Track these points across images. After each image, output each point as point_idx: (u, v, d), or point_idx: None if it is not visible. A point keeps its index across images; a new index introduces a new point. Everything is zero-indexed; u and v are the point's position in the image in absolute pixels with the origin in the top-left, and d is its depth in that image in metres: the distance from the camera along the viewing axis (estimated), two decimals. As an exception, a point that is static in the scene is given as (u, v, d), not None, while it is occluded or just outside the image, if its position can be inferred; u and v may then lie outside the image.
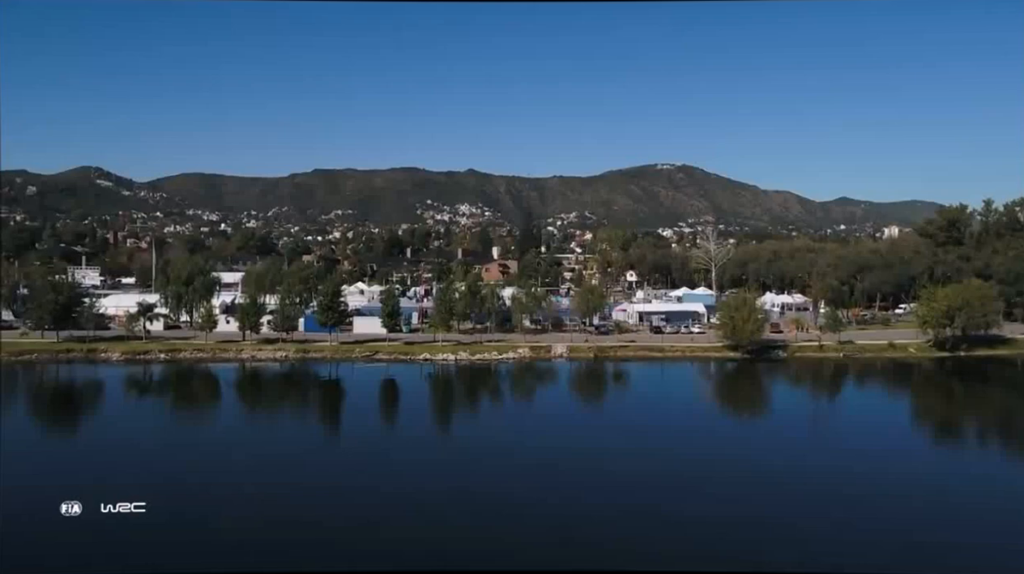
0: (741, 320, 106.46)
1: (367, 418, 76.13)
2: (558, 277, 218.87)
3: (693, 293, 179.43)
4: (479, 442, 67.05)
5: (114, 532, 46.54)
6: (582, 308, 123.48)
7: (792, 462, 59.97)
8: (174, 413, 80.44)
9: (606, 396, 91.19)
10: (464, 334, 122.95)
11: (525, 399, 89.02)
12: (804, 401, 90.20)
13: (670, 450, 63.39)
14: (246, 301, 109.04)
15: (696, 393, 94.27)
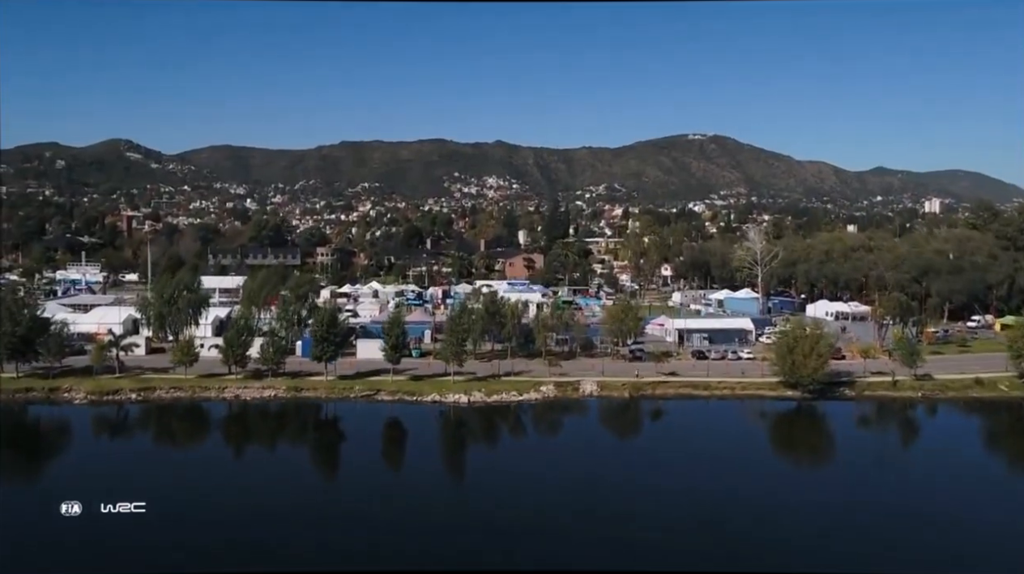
0: (802, 355, 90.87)
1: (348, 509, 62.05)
2: (587, 273, 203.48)
3: (736, 297, 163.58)
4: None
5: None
6: (614, 330, 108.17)
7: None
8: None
9: (648, 455, 76.22)
10: (481, 358, 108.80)
11: (549, 462, 74.27)
12: (896, 468, 74.42)
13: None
14: (231, 331, 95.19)
15: (756, 452, 78.86)
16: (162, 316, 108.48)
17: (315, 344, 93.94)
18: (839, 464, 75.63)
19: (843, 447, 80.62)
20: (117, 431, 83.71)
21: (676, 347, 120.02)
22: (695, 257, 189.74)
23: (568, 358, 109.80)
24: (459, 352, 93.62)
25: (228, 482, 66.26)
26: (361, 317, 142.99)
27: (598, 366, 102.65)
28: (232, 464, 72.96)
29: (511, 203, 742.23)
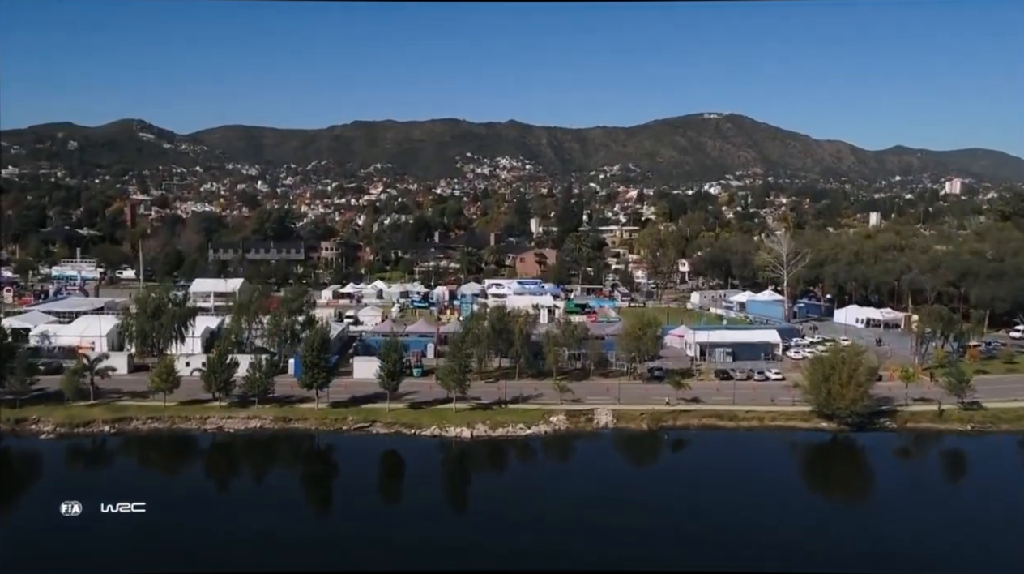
0: (839, 384, 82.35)
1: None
2: (601, 270, 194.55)
3: (758, 299, 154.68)
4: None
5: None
6: (631, 349, 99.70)
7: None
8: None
9: (672, 500, 68.04)
10: (488, 377, 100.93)
11: (559, 514, 66.27)
12: (944, 511, 66.35)
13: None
14: (214, 357, 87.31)
15: (791, 493, 70.60)
16: (145, 333, 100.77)
17: (305, 370, 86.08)
18: (881, 506, 68.03)
19: (886, 488, 72.99)
20: (76, 475, 75.48)
21: (697, 361, 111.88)
22: (714, 254, 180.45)
23: (581, 378, 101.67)
24: (462, 379, 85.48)
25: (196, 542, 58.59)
26: (363, 323, 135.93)
27: (613, 389, 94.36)
28: (204, 514, 65.33)
29: (524, 185, 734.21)
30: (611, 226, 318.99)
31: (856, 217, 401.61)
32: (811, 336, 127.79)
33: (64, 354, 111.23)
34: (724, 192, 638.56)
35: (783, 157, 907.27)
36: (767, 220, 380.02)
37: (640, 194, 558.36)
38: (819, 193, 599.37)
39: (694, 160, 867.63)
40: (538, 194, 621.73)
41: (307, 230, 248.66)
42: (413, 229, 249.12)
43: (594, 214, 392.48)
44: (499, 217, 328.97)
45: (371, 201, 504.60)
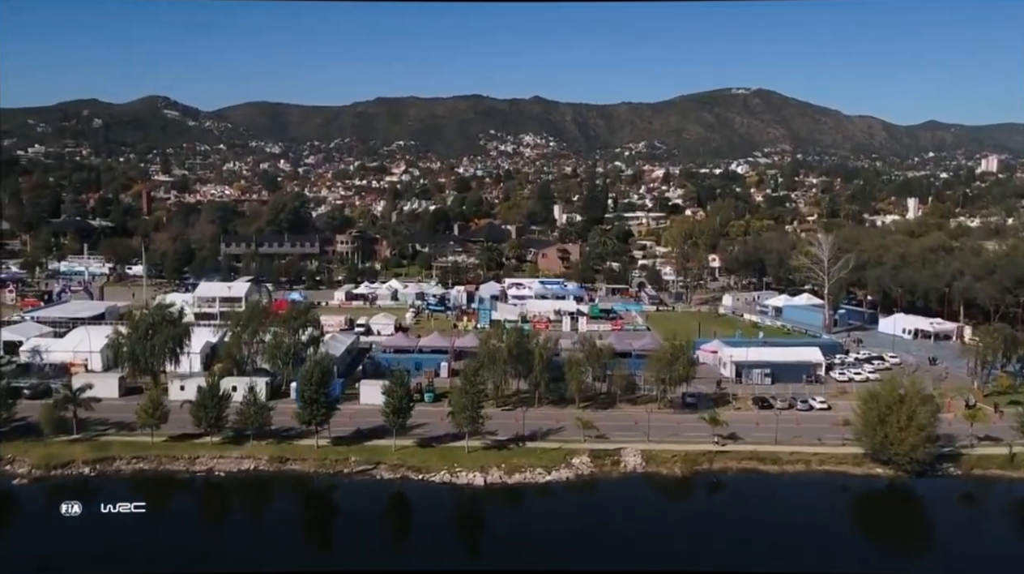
0: (896, 427, 73.31)
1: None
2: (627, 267, 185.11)
3: (796, 304, 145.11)
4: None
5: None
6: (662, 376, 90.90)
7: None
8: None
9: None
10: (505, 403, 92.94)
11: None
12: None
13: None
14: (204, 392, 79.67)
15: (851, 555, 62.14)
16: (136, 356, 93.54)
17: (304, 405, 78.32)
18: (946, 566, 59.75)
19: (950, 544, 64.80)
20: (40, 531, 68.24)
21: (732, 381, 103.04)
22: (748, 253, 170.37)
23: (606, 405, 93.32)
24: (474, 418, 77.36)
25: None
26: (374, 333, 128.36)
27: (642, 420, 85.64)
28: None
29: (548, 163, 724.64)
30: (637, 212, 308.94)
31: (891, 200, 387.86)
32: (855, 350, 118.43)
33: (55, 372, 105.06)
34: (752, 171, 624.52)
35: (812, 133, 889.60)
36: (798, 205, 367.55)
37: (666, 174, 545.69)
38: (850, 172, 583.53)
39: (721, 137, 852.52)
40: (561, 173, 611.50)
41: (323, 220, 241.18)
42: (432, 221, 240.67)
43: (619, 197, 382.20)
44: (521, 202, 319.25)
45: (392, 183, 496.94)
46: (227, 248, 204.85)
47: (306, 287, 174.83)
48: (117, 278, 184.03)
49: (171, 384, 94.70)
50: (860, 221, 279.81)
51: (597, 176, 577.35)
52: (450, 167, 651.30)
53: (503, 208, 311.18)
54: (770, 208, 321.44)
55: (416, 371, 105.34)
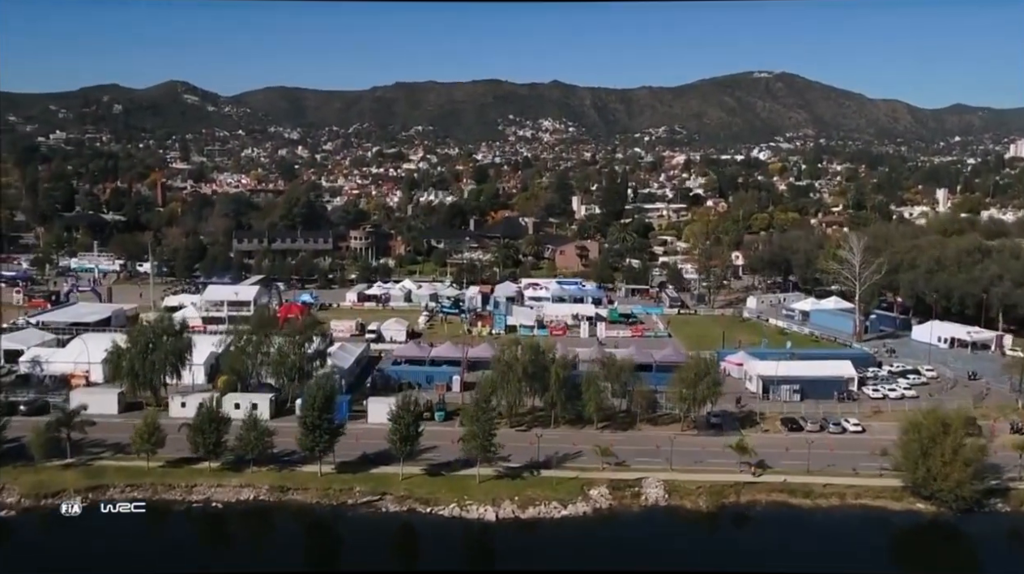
0: (941, 461, 68.03)
1: None
2: (647, 265, 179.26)
3: (823, 308, 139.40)
4: None
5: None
6: (686, 397, 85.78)
7: None
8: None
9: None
10: (519, 422, 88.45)
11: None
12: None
13: None
14: (201, 415, 75.47)
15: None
16: (135, 373, 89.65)
17: (306, 433, 74.03)
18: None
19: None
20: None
21: (758, 396, 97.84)
22: (774, 252, 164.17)
23: (626, 425, 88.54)
24: (486, 447, 72.76)
25: None
26: (386, 340, 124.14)
27: (664, 444, 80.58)
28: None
29: (567, 149, 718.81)
30: (657, 204, 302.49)
31: (918, 189, 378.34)
32: (889, 362, 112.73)
33: (55, 384, 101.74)
34: (775, 158, 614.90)
35: (836, 118, 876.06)
36: (823, 195, 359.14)
37: (687, 162, 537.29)
38: (875, 158, 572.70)
39: (743, 121, 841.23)
40: (580, 159, 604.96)
41: (337, 214, 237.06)
42: (447, 215, 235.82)
43: (638, 186, 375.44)
44: (539, 193, 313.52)
45: (410, 171, 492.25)
46: (239, 244, 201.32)
47: (318, 286, 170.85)
48: (128, 276, 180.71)
49: (172, 401, 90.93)
50: (887, 214, 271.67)
51: (616, 162, 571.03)
52: (468, 154, 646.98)
53: (520, 199, 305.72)
54: (794, 199, 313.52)
55: (427, 384, 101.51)
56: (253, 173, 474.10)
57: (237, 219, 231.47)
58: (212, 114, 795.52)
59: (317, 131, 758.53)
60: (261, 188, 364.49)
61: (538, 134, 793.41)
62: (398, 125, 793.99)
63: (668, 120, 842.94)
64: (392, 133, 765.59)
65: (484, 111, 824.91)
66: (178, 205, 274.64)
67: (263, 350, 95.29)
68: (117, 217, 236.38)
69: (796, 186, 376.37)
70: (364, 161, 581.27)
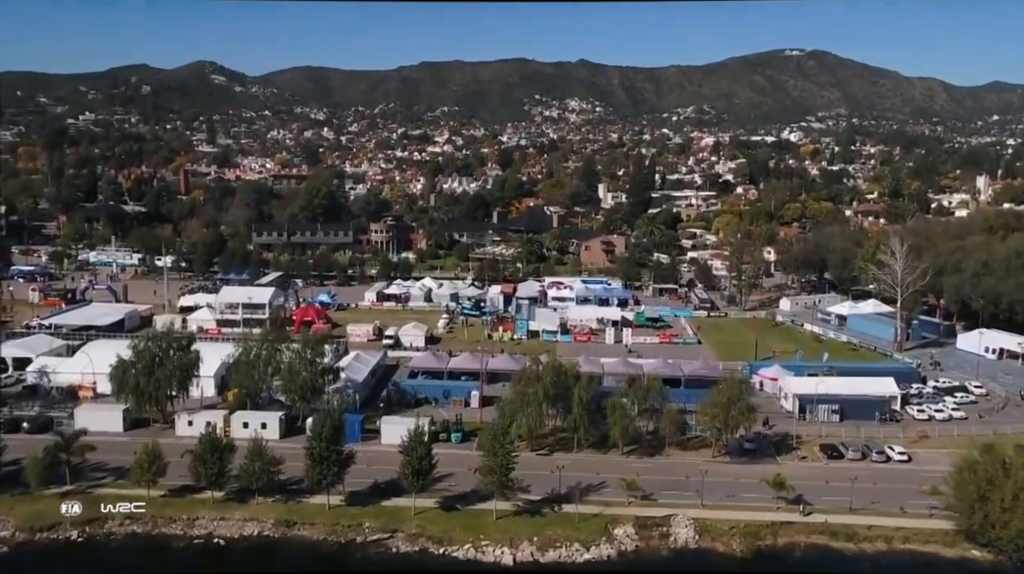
0: (1000, 507, 62.28)
1: None
2: (675, 261, 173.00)
3: (861, 312, 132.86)
4: None
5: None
6: (717, 423, 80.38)
7: None
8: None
9: None
10: (540, 445, 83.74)
11: None
12: None
13: None
14: (202, 446, 71.45)
15: None
16: (140, 390, 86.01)
17: (312, 465, 69.74)
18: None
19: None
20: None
21: (795, 416, 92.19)
22: (808, 251, 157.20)
23: (653, 450, 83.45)
24: (504, 484, 68.11)
25: None
26: (404, 346, 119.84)
27: (694, 474, 75.32)
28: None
29: (593, 130, 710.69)
30: (685, 191, 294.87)
31: (956, 174, 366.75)
32: (934, 375, 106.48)
33: (62, 395, 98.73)
34: (806, 139, 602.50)
35: (870, 96, 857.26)
36: (857, 181, 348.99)
37: (716, 144, 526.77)
38: (911, 140, 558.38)
39: (773, 101, 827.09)
40: (607, 141, 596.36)
41: (359, 204, 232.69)
42: (470, 207, 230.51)
43: (666, 171, 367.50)
44: (565, 180, 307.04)
45: (434, 155, 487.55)
46: (258, 238, 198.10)
47: (337, 283, 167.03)
48: (146, 271, 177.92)
49: (178, 419, 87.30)
50: (924, 203, 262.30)
51: (643, 144, 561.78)
52: (493, 135, 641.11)
53: (546, 186, 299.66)
54: (827, 185, 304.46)
55: (444, 399, 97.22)
56: (277, 157, 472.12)
57: (258, 209, 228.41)
58: (239, 95, 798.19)
59: (343, 112, 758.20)
60: (284, 174, 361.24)
61: (565, 114, 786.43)
62: (424, 105, 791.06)
63: (697, 100, 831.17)
64: (418, 113, 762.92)
65: (510, 91, 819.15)
66: (200, 193, 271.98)
67: (273, 365, 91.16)
68: (138, 208, 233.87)
69: (829, 171, 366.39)
70: (389, 143, 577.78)
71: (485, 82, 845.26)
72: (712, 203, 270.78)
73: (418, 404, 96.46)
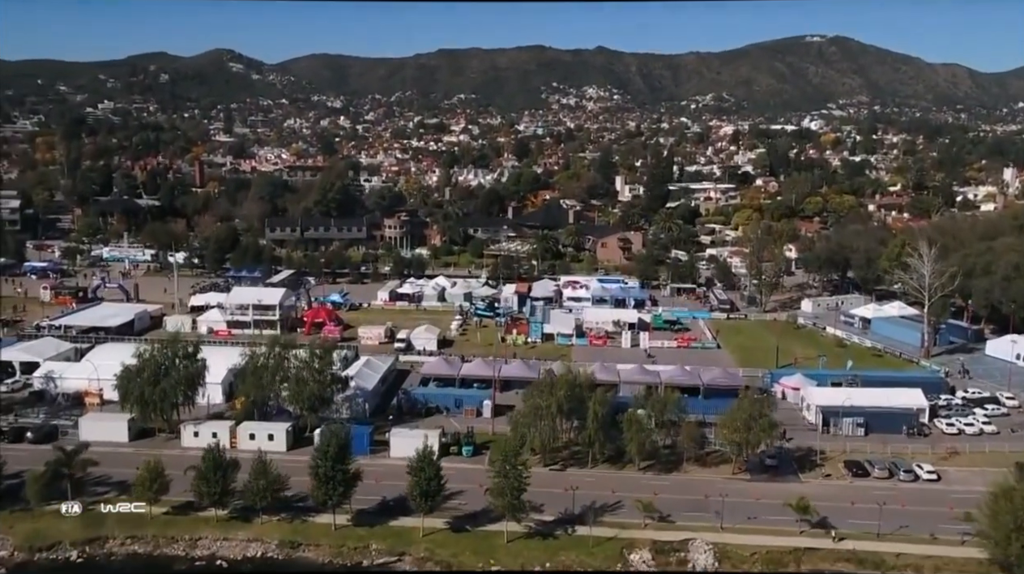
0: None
1: None
2: (694, 260, 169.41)
3: (886, 314, 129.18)
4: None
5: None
6: (738, 440, 77.39)
7: None
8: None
9: None
10: (553, 460, 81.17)
11: None
12: None
13: None
14: (206, 463, 69.33)
15: None
16: (145, 401, 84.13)
17: (318, 485, 67.50)
18: None
19: None
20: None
21: (817, 428, 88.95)
22: (831, 250, 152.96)
23: (670, 467, 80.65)
24: (516, 508, 65.61)
25: None
26: (415, 349, 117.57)
27: (713, 493, 72.69)
28: None
29: (611, 117, 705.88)
30: (704, 183, 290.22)
31: (981, 164, 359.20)
32: (962, 384, 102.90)
33: (68, 402, 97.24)
34: (827, 127, 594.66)
35: (892, 83, 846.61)
36: (879, 172, 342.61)
37: (736, 133, 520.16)
38: (934, 128, 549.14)
39: (794, 88, 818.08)
40: (624, 130, 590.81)
41: (373, 198, 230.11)
42: (485, 202, 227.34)
43: (684, 162, 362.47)
44: (581, 172, 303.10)
45: (450, 145, 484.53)
46: (272, 233, 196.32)
47: (350, 280, 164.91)
48: (159, 267, 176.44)
49: (184, 430, 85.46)
50: (950, 196, 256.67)
51: (661, 133, 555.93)
52: (510, 124, 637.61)
53: (562, 178, 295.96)
54: (849, 177, 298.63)
55: (456, 409, 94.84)
56: (293, 147, 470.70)
57: (272, 202, 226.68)
58: (256, 82, 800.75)
59: (359, 99, 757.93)
60: (300, 165, 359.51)
61: (582, 102, 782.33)
62: (440, 93, 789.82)
63: (716, 87, 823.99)
64: (434, 101, 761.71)
65: (527, 78, 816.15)
66: (215, 186, 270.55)
67: (281, 373, 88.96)
68: (151, 202, 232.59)
69: (851, 162, 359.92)
70: (405, 133, 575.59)
71: (502, 69, 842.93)
72: (731, 196, 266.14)
73: (429, 413, 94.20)
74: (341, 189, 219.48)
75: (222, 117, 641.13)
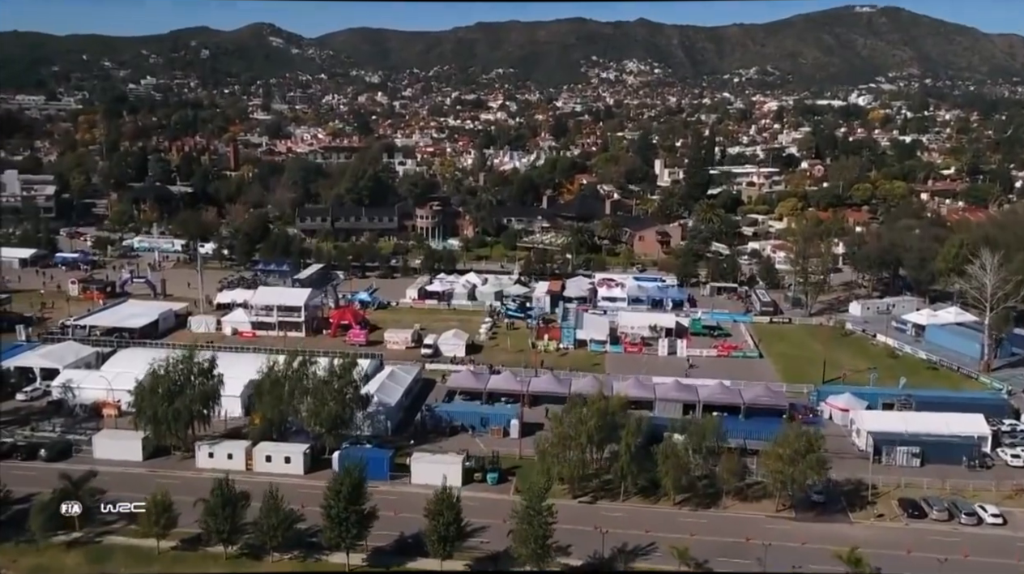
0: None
1: None
2: (736, 252, 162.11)
3: (942, 321, 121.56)
4: None
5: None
6: (783, 477, 71.63)
7: None
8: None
9: None
10: (582, 490, 76.37)
11: None
12: None
13: None
14: (213, 499, 65.73)
15: None
16: (158, 421, 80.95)
17: (331, 526, 63.49)
18: None
19: None
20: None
21: (869, 456, 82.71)
22: (883, 250, 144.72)
23: (709, 502, 75.33)
24: (541, 555, 61.00)
25: None
26: (443, 354, 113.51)
27: (754, 533, 67.46)
28: None
29: (651, 92, 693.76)
30: (747, 167, 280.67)
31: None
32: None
33: (86, 413, 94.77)
34: (875, 102, 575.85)
35: (945, 55, 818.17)
36: (932, 154, 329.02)
37: (780, 111, 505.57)
38: (990, 103, 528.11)
39: (841, 60, 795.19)
40: (665, 107, 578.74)
41: (405, 185, 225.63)
42: (519, 190, 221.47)
43: (727, 142, 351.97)
44: (620, 155, 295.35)
45: (487, 123, 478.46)
46: (302, 223, 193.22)
47: (379, 274, 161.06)
48: (188, 259, 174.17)
49: (199, 450, 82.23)
50: (1009, 182, 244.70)
51: (703, 110, 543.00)
52: (548, 100, 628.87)
53: (600, 160, 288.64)
54: (899, 160, 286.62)
55: (481, 428, 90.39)
56: (329, 126, 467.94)
57: (305, 187, 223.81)
58: (296, 57, 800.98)
59: (398, 74, 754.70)
60: (335, 146, 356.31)
61: (622, 76, 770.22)
62: (479, 67, 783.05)
63: (760, 60, 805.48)
64: (472, 76, 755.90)
65: (567, 52, 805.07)
66: (248, 169, 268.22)
67: (300, 389, 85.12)
68: (184, 188, 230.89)
69: (901, 143, 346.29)
70: (442, 109, 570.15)
71: (541, 43, 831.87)
72: (775, 182, 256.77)
73: (453, 432, 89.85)
74: (373, 176, 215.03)
75: (261, 93, 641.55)
